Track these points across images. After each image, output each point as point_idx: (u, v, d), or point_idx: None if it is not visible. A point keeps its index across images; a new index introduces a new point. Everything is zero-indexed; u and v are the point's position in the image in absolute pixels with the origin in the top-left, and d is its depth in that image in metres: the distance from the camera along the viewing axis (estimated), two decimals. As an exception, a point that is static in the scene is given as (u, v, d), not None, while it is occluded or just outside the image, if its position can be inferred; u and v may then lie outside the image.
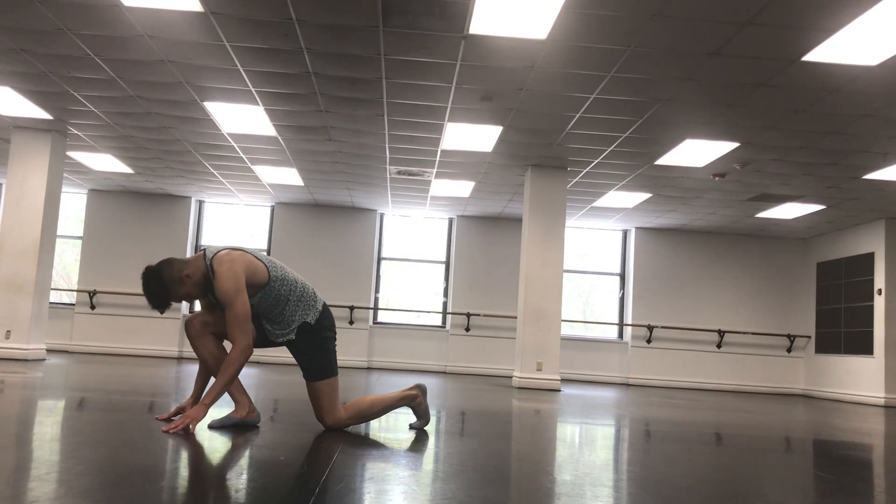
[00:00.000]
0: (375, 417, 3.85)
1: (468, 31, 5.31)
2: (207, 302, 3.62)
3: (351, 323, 12.17)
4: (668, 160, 8.34)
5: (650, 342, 12.43)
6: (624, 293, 12.82)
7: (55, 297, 12.09)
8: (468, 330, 12.39)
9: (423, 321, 12.91)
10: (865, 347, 10.96)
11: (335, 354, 3.64)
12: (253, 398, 3.90)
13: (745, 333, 12.47)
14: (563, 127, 7.47)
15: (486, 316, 12.35)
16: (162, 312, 3.43)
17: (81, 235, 12.33)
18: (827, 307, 12.07)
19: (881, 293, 10.74)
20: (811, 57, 5.39)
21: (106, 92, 7.18)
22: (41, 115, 8.15)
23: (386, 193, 11.18)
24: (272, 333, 3.55)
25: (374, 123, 7.70)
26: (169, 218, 12.35)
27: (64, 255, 12.69)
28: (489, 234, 12.63)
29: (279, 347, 3.69)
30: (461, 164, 9.16)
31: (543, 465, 3.23)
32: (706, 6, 4.78)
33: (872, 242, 11.02)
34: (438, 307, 12.85)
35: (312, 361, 3.56)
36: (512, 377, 9.59)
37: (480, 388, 8.51)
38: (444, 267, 12.88)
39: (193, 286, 3.41)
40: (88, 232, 12.26)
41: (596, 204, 10.90)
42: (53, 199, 9.22)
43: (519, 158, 8.83)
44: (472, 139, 8.01)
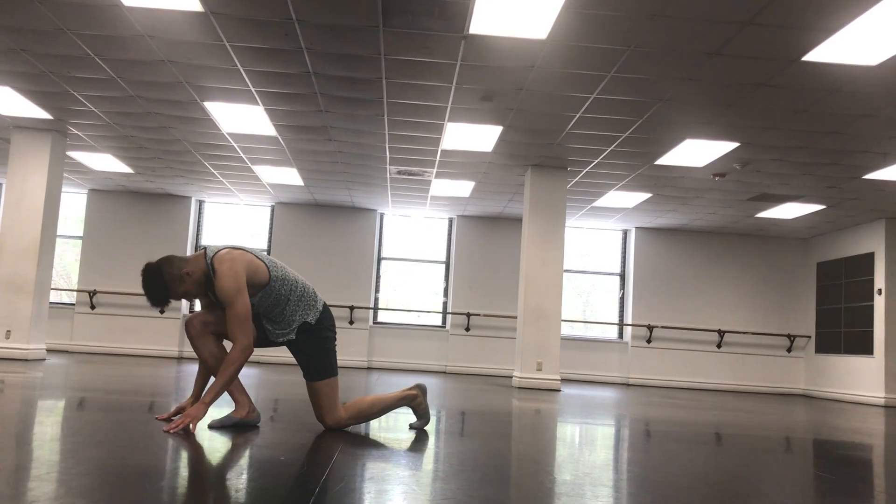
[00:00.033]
0: (375, 417, 3.85)
1: (468, 31, 5.31)
2: (208, 301, 3.62)
3: (351, 323, 12.17)
4: (668, 160, 8.34)
5: (650, 342, 12.43)
6: (624, 293, 12.82)
7: (55, 297, 12.10)
8: (468, 330, 12.39)
9: (423, 321, 12.91)
10: (865, 347, 10.96)
11: (335, 354, 3.65)
12: (253, 398, 3.90)
13: (745, 333, 12.47)
14: (563, 127, 7.47)
15: (486, 316, 12.35)
16: (161, 310, 3.43)
17: (81, 235, 12.34)
18: (827, 307, 12.07)
19: (881, 293, 10.74)
20: (811, 57, 5.40)
21: (106, 92, 7.19)
22: (41, 115, 8.15)
23: (386, 193, 11.18)
24: (272, 333, 3.55)
25: (374, 123, 7.70)
26: (169, 218, 12.36)
27: (64, 255, 12.69)
28: (489, 234, 12.63)
29: (279, 347, 3.69)
30: (461, 164, 9.16)
31: (543, 465, 3.23)
32: (706, 6, 4.78)
33: (872, 242, 11.02)
34: (438, 307, 12.85)
35: (312, 361, 3.56)
36: (512, 377, 9.59)
37: (480, 388, 8.51)
38: (444, 267, 12.88)
39: (193, 284, 3.41)
40: (88, 232, 12.27)
41: (596, 204, 10.90)
42: (53, 199, 9.22)
43: (519, 158, 8.84)
44: (472, 139, 8.01)
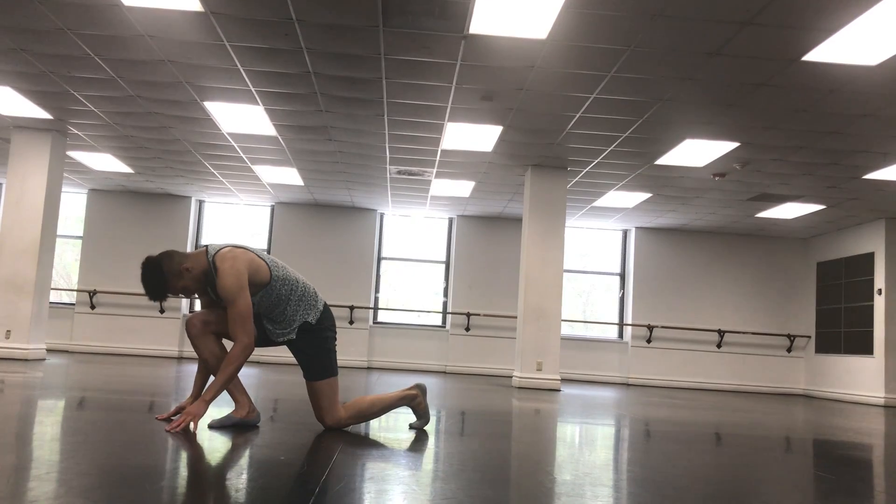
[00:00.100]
0: (375, 417, 3.85)
1: (468, 30, 5.31)
2: (208, 300, 3.62)
3: (351, 323, 12.17)
4: (668, 160, 8.34)
5: (650, 342, 12.43)
6: (624, 293, 12.82)
7: (55, 296, 12.10)
8: (468, 330, 12.39)
9: (423, 321, 12.91)
10: (865, 347, 10.96)
11: (335, 354, 3.65)
12: (253, 398, 3.90)
13: (745, 333, 12.47)
14: (563, 127, 7.47)
15: (486, 316, 12.35)
16: (161, 309, 3.44)
17: (81, 235, 12.34)
18: (827, 307, 12.07)
19: (881, 293, 10.74)
20: (811, 57, 5.40)
21: (106, 92, 7.19)
22: (41, 114, 8.15)
23: (386, 193, 11.18)
24: (273, 333, 3.55)
25: (374, 123, 7.70)
26: (169, 218, 12.36)
27: (64, 254, 12.69)
28: (489, 234, 12.63)
29: (279, 347, 3.69)
30: (461, 163, 9.16)
31: (543, 465, 3.23)
32: (706, 6, 4.78)
33: (872, 242, 11.02)
34: (438, 307, 12.85)
35: (313, 361, 3.56)
36: (512, 377, 9.59)
37: (480, 388, 8.51)
38: (444, 267, 12.88)
39: (192, 280, 3.41)
40: (88, 232, 12.27)
41: (596, 204, 10.90)
42: (53, 198, 9.22)
43: (519, 158, 8.83)
44: (472, 139, 8.01)
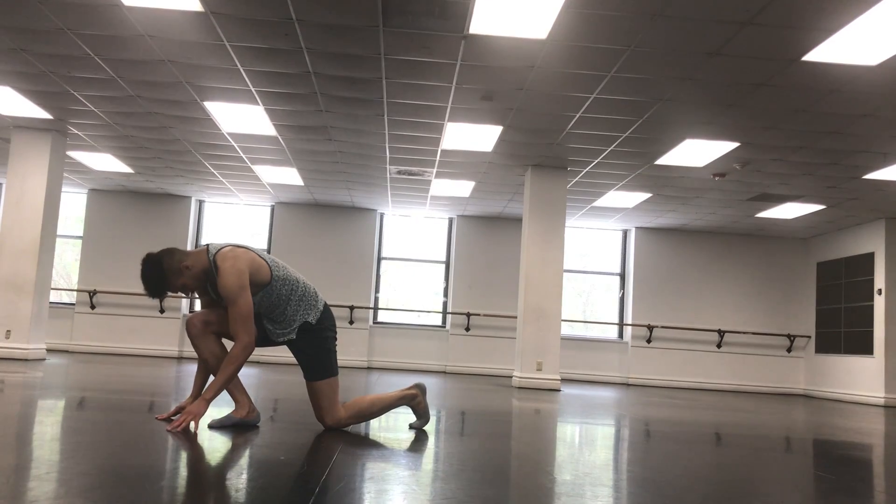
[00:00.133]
0: (375, 417, 3.85)
1: (468, 30, 5.31)
2: (208, 300, 3.62)
3: (351, 323, 12.17)
4: (668, 160, 8.33)
5: (650, 342, 12.43)
6: (624, 293, 12.82)
7: (55, 296, 12.10)
8: (468, 330, 12.39)
9: (423, 321, 12.91)
10: (865, 347, 10.96)
11: (335, 354, 3.65)
12: (253, 398, 3.90)
13: (745, 333, 12.47)
14: (563, 127, 7.47)
15: (486, 316, 12.35)
16: (161, 308, 3.44)
17: (81, 235, 12.34)
18: (827, 307, 12.07)
19: (881, 293, 10.74)
20: (811, 57, 5.40)
21: (106, 92, 7.19)
22: (41, 114, 8.15)
23: (386, 193, 11.18)
24: (273, 333, 3.55)
25: (374, 123, 7.70)
26: (169, 218, 12.35)
27: (64, 254, 12.69)
28: (489, 234, 12.63)
29: (279, 347, 3.69)
30: (461, 163, 9.16)
31: (543, 465, 3.23)
32: (706, 6, 4.78)
33: (872, 242, 11.02)
34: (438, 307, 12.85)
35: (313, 361, 3.56)
36: (512, 377, 9.59)
37: (480, 388, 8.51)
38: (444, 267, 12.88)
39: (191, 278, 3.41)
40: (88, 232, 12.27)
41: (596, 204, 10.90)
42: (53, 198, 9.22)
43: (519, 158, 8.83)
44: (472, 139, 8.01)
